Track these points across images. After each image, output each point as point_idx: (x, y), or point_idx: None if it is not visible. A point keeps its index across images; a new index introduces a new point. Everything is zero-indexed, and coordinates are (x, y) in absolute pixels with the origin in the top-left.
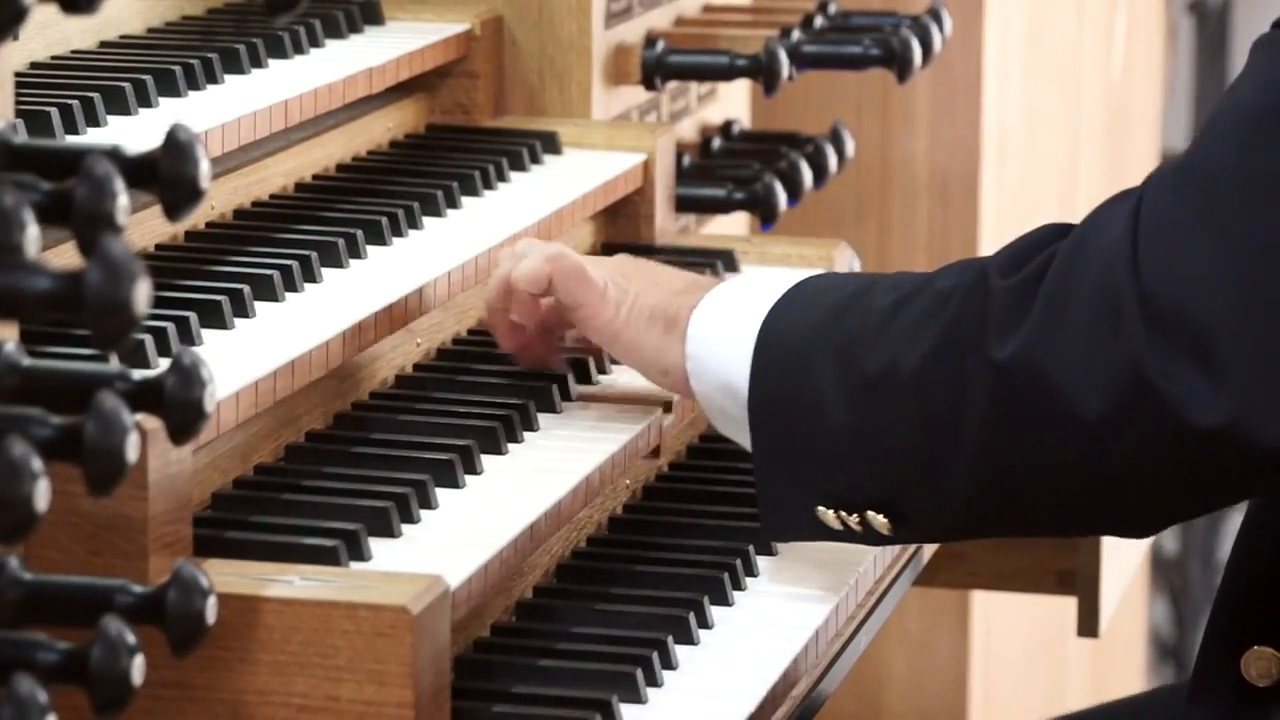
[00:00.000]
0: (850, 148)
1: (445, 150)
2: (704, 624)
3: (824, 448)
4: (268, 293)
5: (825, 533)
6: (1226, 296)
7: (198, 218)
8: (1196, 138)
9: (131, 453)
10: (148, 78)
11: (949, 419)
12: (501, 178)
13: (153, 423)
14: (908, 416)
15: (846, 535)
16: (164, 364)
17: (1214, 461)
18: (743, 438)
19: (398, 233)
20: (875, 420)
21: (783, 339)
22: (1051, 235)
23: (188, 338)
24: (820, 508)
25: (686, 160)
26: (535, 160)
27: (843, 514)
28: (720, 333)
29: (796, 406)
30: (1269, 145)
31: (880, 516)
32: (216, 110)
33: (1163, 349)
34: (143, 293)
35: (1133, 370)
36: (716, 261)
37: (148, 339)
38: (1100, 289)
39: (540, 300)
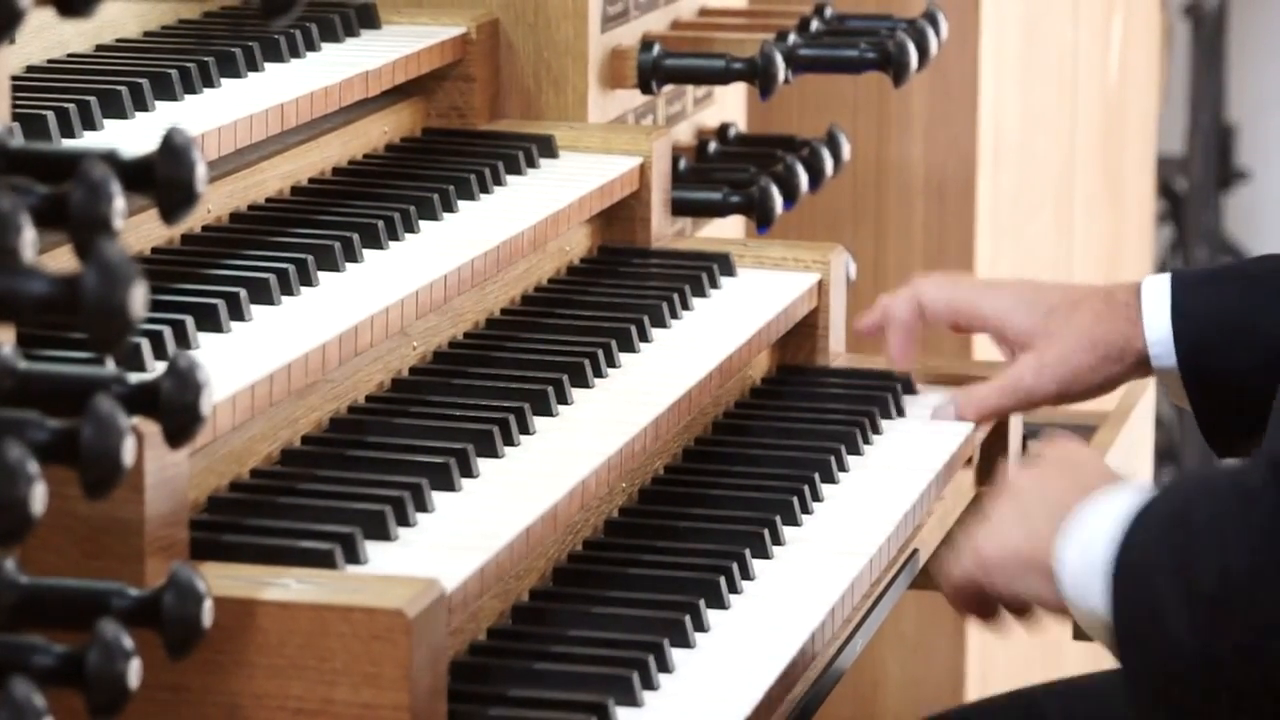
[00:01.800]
0: (846, 151)
1: (441, 154)
2: (700, 627)
3: (1173, 671)
4: (264, 296)
5: None
6: None
7: (194, 221)
8: None
9: (127, 456)
10: (144, 81)
11: None
12: (497, 181)
13: (149, 426)
14: (1249, 624)
15: None
16: (160, 367)
17: None
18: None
19: (394, 236)
20: (1218, 634)
21: (1136, 578)
22: None
23: (184, 341)
24: None
25: (682, 164)
26: (531, 164)
27: None
28: (1080, 575)
29: (1149, 639)
30: None
31: None
32: (213, 114)
33: None
34: (139, 296)
35: None
36: (712, 265)
37: (144, 342)
38: None
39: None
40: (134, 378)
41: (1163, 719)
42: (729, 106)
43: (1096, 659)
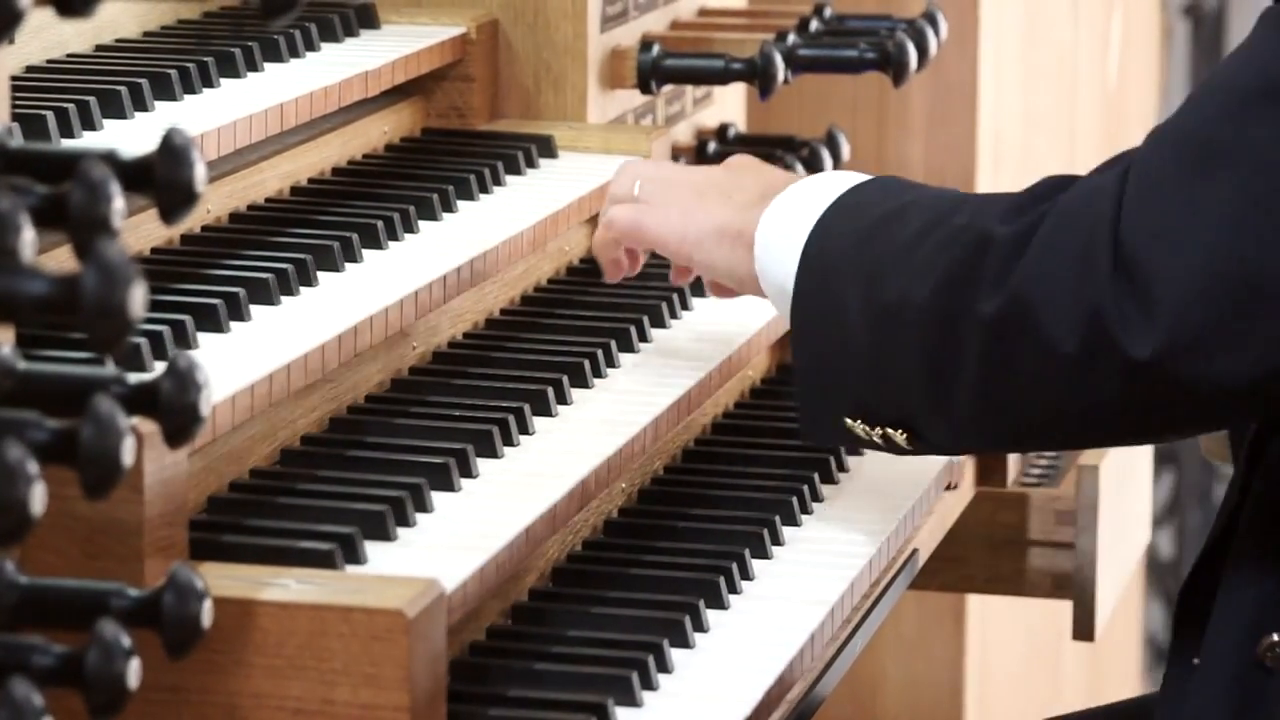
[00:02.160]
0: (846, 151)
1: (441, 154)
2: (699, 628)
3: (848, 365)
4: (263, 296)
5: (855, 440)
6: (1185, 255)
7: (193, 221)
8: (1193, 99)
9: (127, 456)
10: (143, 81)
11: (949, 352)
12: (497, 181)
13: (148, 426)
14: (914, 346)
15: (873, 445)
16: (160, 367)
17: (1151, 395)
18: None
19: (393, 236)
20: (888, 346)
21: (823, 254)
22: (1053, 188)
23: (183, 341)
24: (847, 419)
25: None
26: (531, 164)
27: (866, 427)
28: (778, 244)
29: (828, 323)
30: (1261, 120)
31: (899, 433)
32: (212, 114)
33: (1121, 292)
34: (138, 296)
35: (1096, 310)
36: None
37: (143, 342)
38: (1084, 235)
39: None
40: (133, 378)
41: (820, 411)
42: (728, 107)
43: (1096, 659)
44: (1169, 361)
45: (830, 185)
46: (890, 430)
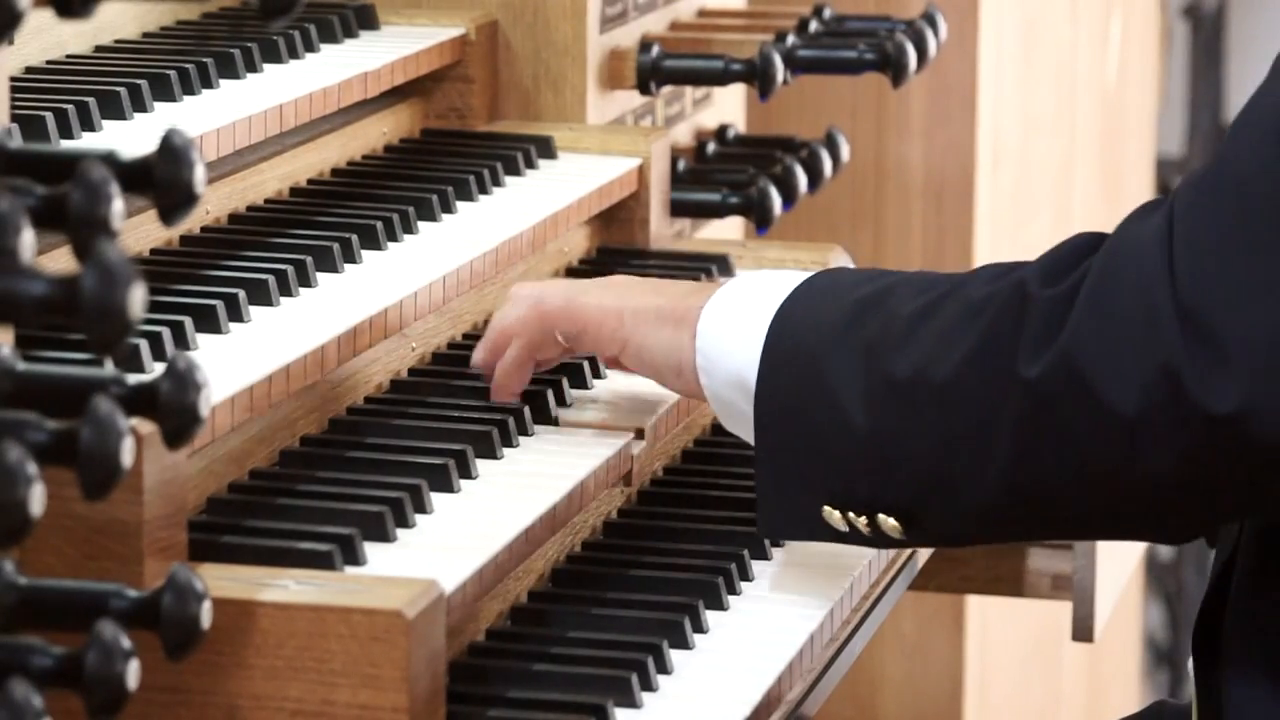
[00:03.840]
0: (845, 152)
1: (440, 155)
2: (699, 628)
3: (837, 449)
4: (262, 297)
5: (828, 533)
6: (1258, 308)
7: (193, 222)
8: (1227, 142)
9: (126, 457)
10: (143, 82)
11: (981, 428)
12: (496, 182)
13: (148, 427)
14: (935, 424)
15: (851, 536)
16: (159, 368)
17: (1220, 455)
18: (751, 435)
19: (392, 237)
20: (897, 426)
21: (796, 336)
22: (1088, 245)
23: (183, 342)
24: (827, 508)
25: (681, 165)
26: (530, 165)
27: (851, 515)
28: (731, 328)
29: (809, 406)
30: None
31: (891, 519)
32: (211, 115)
33: (1193, 349)
34: (138, 297)
35: (1165, 366)
36: (711, 266)
37: (143, 343)
38: (1137, 294)
39: (544, 337)
40: (133, 379)
41: (790, 501)
42: (728, 107)
43: (1095, 660)
44: (1251, 416)
45: (778, 277)
46: (882, 517)
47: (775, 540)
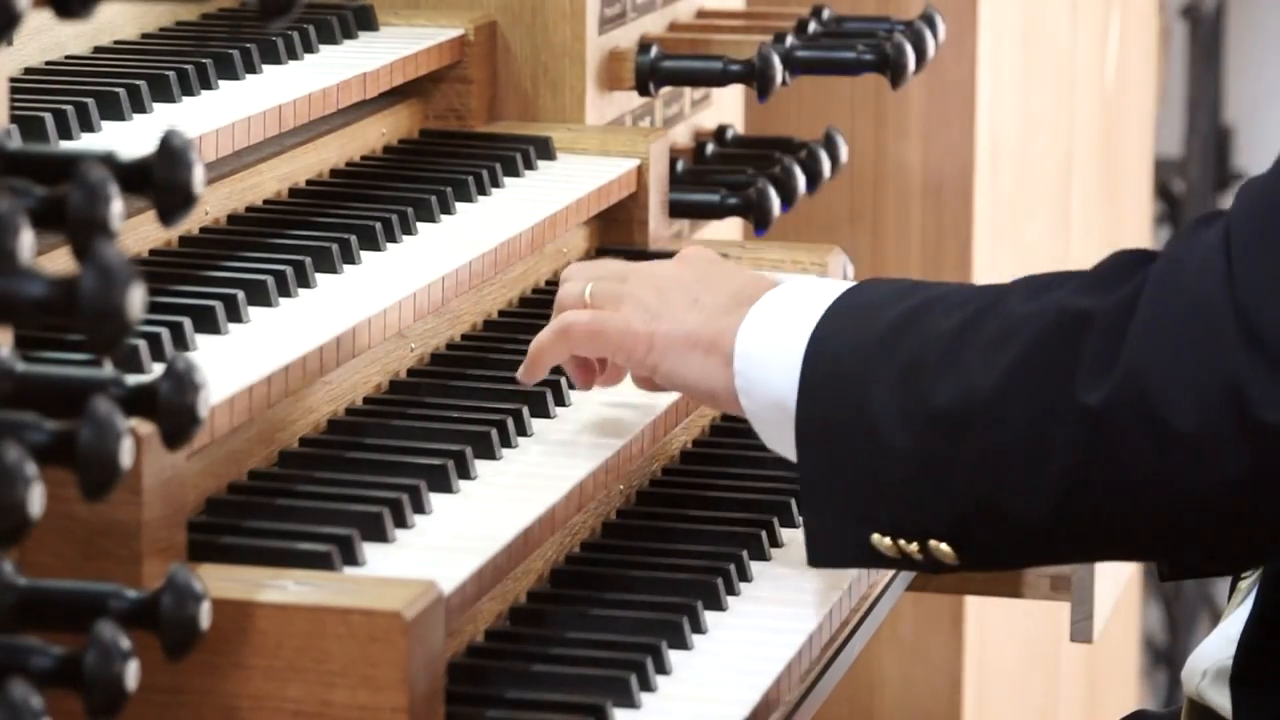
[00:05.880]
0: (844, 153)
1: (439, 155)
2: (698, 629)
3: (882, 475)
4: (261, 298)
5: (881, 561)
6: None
7: (192, 223)
8: None
9: (125, 458)
10: (142, 83)
11: (1035, 447)
12: (495, 183)
13: (147, 428)
14: (984, 445)
15: (903, 563)
16: (158, 369)
17: None
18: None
19: (391, 238)
20: (944, 448)
21: (833, 358)
22: (1133, 261)
23: (182, 343)
24: (876, 535)
25: (680, 165)
26: (529, 165)
27: (901, 542)
28: (767, 353)
29: (850, 430)
30: None
31: (944, 545)
32: (211, 115)
33: (1255, 361)
34: (137, 298)
35: (1229, 383)
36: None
37: (142, 344)
38: (1198, 307)
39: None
40: (132, 379)
41: (841, 529)
42: (726, 108)
43: (1093, 662)
44: None
45: (813, 291)
46: (934, 543)
47: (826, 566)
